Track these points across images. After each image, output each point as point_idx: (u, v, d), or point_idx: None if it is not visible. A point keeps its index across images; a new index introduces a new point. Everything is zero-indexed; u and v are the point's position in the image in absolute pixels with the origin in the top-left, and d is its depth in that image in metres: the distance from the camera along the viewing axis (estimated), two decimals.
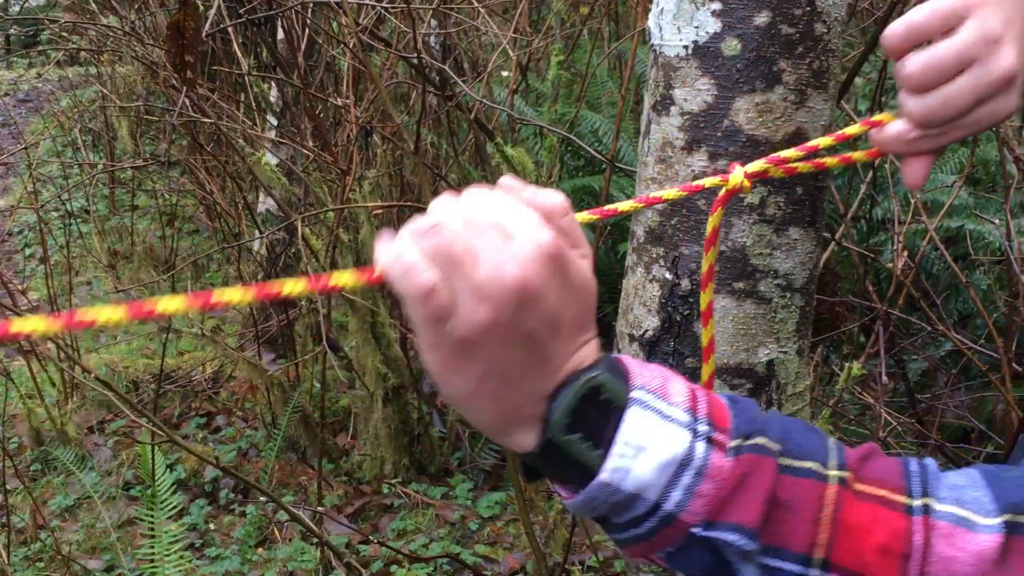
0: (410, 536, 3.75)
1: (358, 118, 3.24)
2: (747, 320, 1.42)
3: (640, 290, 1.47)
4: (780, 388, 1.46)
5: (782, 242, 1.41)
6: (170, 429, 4.47)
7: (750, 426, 0.75)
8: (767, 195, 1.39)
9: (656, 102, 1.44)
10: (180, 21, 2.25)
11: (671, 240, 1.42)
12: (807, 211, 1.43)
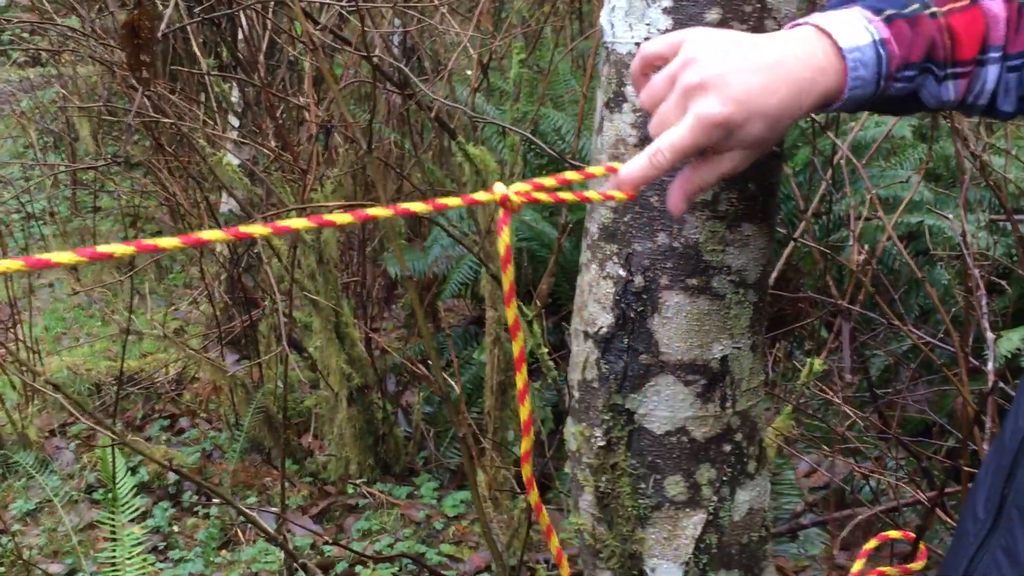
0: (375, 536, 3.75)
1: (319, 117, 3.22)
2: (701, 316, 1.42)
3: (594, 287, 1.47)
4: (734, 384, 1.46)
5: (735, 238, 1.42)
6: (133, 431, 4.45)
7: None
8: (720, 191, 1.39)
9: (609, 99, 1.44)
10: (135, 20, 2.23)
11: (624, 237, 1.43)
12: (760, 207, 1.43)
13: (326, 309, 3.79)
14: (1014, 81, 1.24)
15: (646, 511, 1.47)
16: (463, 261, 4.25)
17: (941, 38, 1.18)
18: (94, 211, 6.59)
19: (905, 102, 1.21)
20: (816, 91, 1.11)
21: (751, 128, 1.09)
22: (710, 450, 1.46)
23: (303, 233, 3.68)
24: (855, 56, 1.12)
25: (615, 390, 1.46)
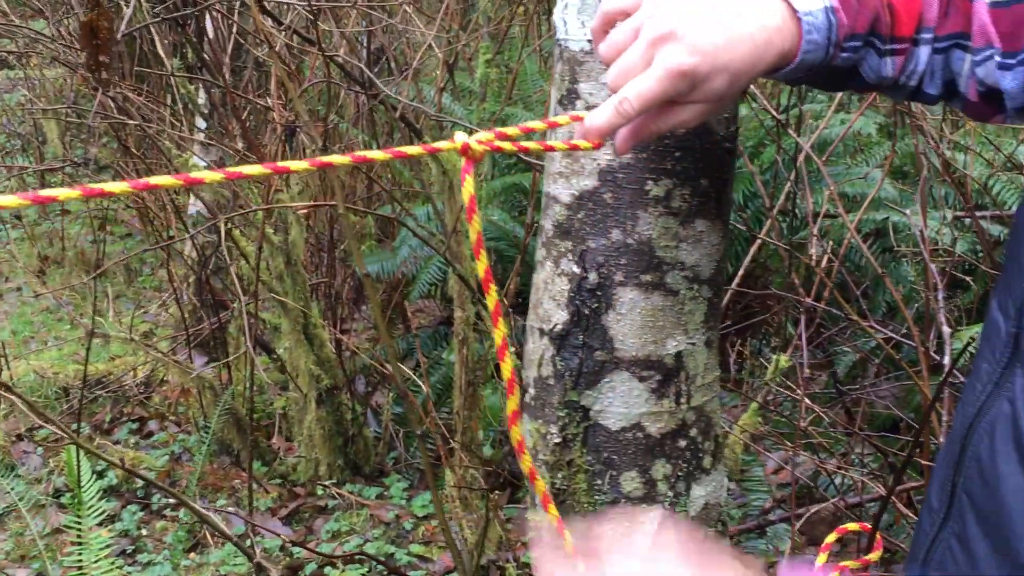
0: (344, 537, 3.74)
1: (284, 117, 3.22)
2: (655, 312, 1.43)
3: (549, 284, 1.48)
4: (689, 379, 1.47)
5: (688, 234, 1.42)
6: (101, 435, 4.42)
7: None
8: (672, 188, 1.40)
9: (562, 96, 1.45)
10: (93, 21, 2.22)
11: (578, 234, 1.43)
12: (713, 203, 1.44)
13: (295, 311, 3.78)
14: (940, 64, 1.26)
15: (602, 507, 1.47)
16: (431, 261, 4.25)
17: (883, 12, 1.20)
18: (62, 214, 6.55)
19: (845, 77, 1.23)
20: (773, 50, 1.12)
21: (715, 81, 1.10)
22: (665, 446, 1.47)
23: (270, 234, 3.67)
24: (809, 20, 1.14)
25: (570, 387, 1.46)
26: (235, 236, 3.75)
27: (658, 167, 1.39)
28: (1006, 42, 1.21)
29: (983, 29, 1.23)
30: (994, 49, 1.22)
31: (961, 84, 1.27)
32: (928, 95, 1.29)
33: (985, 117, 1.30)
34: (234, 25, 3.79)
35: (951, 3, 1.25)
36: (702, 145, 1.41)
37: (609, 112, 1.11)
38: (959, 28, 1.25)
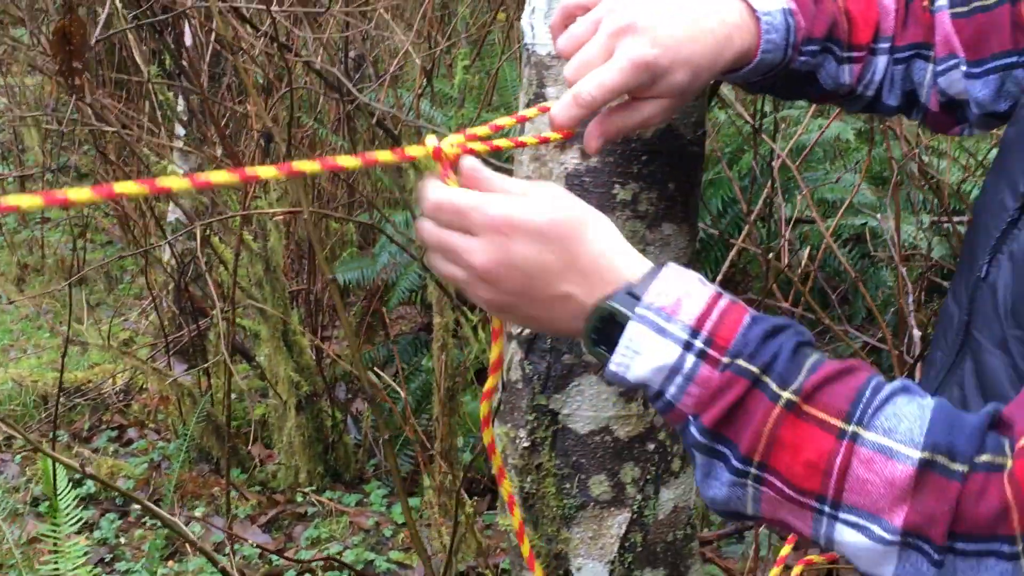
0: (324, 544, 3.73)
1: (262, 123, 3.21)
2: None
3: None
4: None
5: (656, 238, 1.43)
6: (80, 443, 4.41)
7: (742, 348, 0.91)
8: (639, 192, 1.40)
9: (530, 100, 1.45)
10: (66, 27, 2.22)
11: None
12: (680, 207, 1.44)
13: (274, 317, 3.77)
14: (900, 74, 1.27)
15: (571, 511, 1.48)
16: (411, 268, 4.25)
17: (840, 19, 1.21)
18: (42, 222, 6.53)
19: (803, 83, 1.24)
20: (733, 47, 1.13)
21: (676, 75, 1.10)
22: (634, 449, 1.47)
23: (249, 241, 3.67)
24: (767, 19, 1.15)
25: (539, 390, 1.46)
26: (213, 243, 3.74)
27: (625, 171, 1.40)
28: (970, 51, 1.23)
29: (946, 39, 1.24)
30: (958, 59, 1.24)
31: (922, 94, 1.28)
32: (887, 105, 1.30)
33: (944, 128, 1.31)
34: (212, 32, 3.79)
35: (910, 13, 1.26)
36: (669, 149, 1.41)
37: (568, 102, 1.10)
38: (920, 38, 1.26)
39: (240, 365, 4.65)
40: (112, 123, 3.52)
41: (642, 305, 0.94)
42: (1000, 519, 0.82)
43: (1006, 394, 1.02)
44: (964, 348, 1.13)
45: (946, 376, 1.15)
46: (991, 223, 1.11)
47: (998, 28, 1.21)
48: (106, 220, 6.47)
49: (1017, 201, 1.07)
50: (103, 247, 6.55)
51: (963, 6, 1.24)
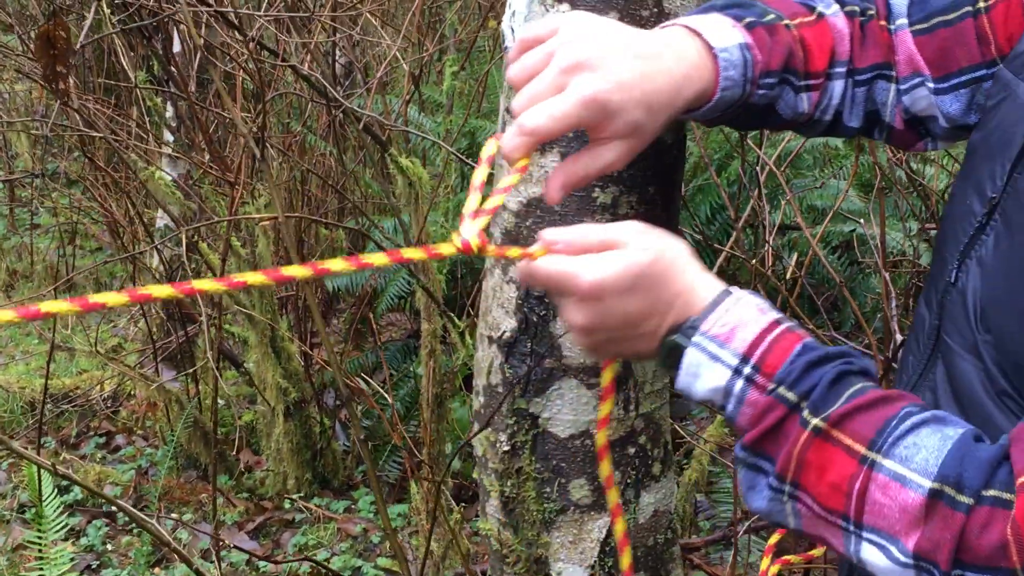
0: (311, 551, 3.72)
1: (249, 128, 3.20)
2: None
3: (498, 292, 1.47)
4: (638, 386, 1.47)
5: None
6: (68, 449, 4.39)
7: (785, 376, 0.98)
8: (619, 195, 1.40)
9: (510, 105, 1.45)
10: (50, 31, 2.21)
11: (526, 241, 1.43)
12: (660, 210, 1.44)
13: (261, 324, 3.77)
14: (861, 96, 1.27)
15: (551, 515, 1.47)
16: (399, 274, 4.24)
17: (796, 48, 1.20)
18: (31, 228, 6.51)
19: (762, 115, 1.23)
20: (692, 87, 1.12)
21: (630, 113, 1.08)
22: (614, 453, 1.47)
23: (237, 247, 3.66)
24: (725, 56, 1.14)
25: (519, 394, 1.46)
26: (202, 249, 3.73)
27: (605, 175, 1.39)
28: (934, 68, 1.23)
29: (910, 58, 1.24)
30: (923, 76, 1.24)
31: (886, 113, 1.28)
32: (848, 128, 1.29)
33: (908, 144, 1.32)
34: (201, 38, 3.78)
35: (867, 34, 1.26)
36: (649, 152, 1.40)
37: (513, 131, 1.08)
38: (880, 59, 1.26)
39: (228, 371, 4.64)
40: (100, 128, 3.51)
41: (699, 333, 1.03)
42: (1001, 553, 0.86)
43: (979, 399, 1.03)
44: (935, 353, 1.13)
45: (918, 380, 1.15)
46: (959, 229, 1.11)
47: (963, 42, 1.21)
48: (95, 226, 6.46)
49: (985, 207, 1.07)
50: (92, 253, 6.54)
51: (924, 22, 1.24)
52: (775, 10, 1.22)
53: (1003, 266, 1.02)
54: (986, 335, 1.03)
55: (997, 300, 1.02)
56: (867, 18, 1.27)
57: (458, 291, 4.05)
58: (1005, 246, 1.03)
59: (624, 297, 1.05)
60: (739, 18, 1.18)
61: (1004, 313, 1.01)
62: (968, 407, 1.04)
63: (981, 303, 1.04)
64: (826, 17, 1.24)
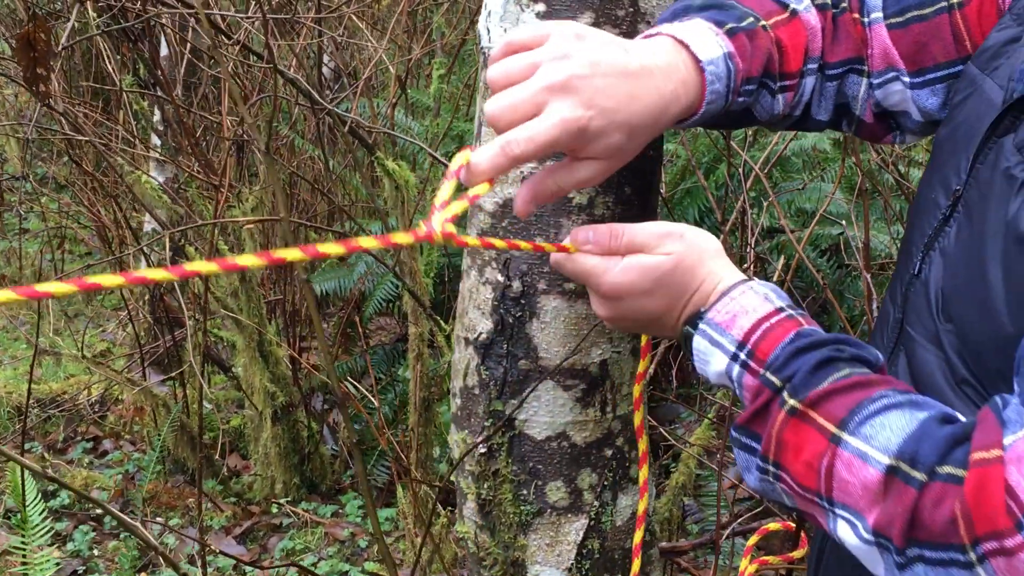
0: (299, 555, 3.71)
1: (234, 133, 3.20)
2: (579, 320, 1.42)
3: (474, 293, 1.47)
4: (615, 388, 1.46)
5: None
6: (55, 454, 4.38)
7: (773, 361, 1.02)
8: (595, 195, 1.39)
9: (483, 107, 1.44)
10: (30, 34, 2.20)
11: None
12: (637, 211, 1.44)
13: (249, 328, 3.76)
14: (832, 90, 1.27)
15: (528, 517, 1.46)
16: (386, 278, 4.24)
17: (774, 51, 1.20)
18: (20, 233, 6.49)
19: (738, 118, 1.23)
20: (679, 104, 1.11)
21: (610, 138, 1.07)
22: (591, 455, 1.46)
23: (224, 250, 3.65)
24: (711, 70, 1.12)
25: (495, 396, 1.45)
26: (188, 252, 3.73)
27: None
28: (909, 62, 1.22)
29: (884, 52, 1.24)
30: (898, 71, 1.23)
31: (856, 107, 1.28)
32: (816, 121, 1.29)
33: (877, 137, 1.31)
34: (188, 42, 3.78)
35: (839, 28, 1.25)
36: None
37: (495, 151, 1.05)
38: (852, 53, 1.25)
39: (217, 376, 4.63)
40: (86, 132, 3.50)
41: (704, 321, 1.10)
42: (952, 529, 0.86)
43: (940, 388, 1.04)
44: (898, 345, 1.13)
45: None
46: (925, 222, 1.11)
47: (939, 37, 1.21)
48: (84, 231, 6.45)
49: (949, 199, 1.07)
50: (82, 258, 6.52)
51: (898, 16, 1.23)
52: (751, 10, 1.21)
53: (964, 255, 1.02)
54: (947, 324, 1.04)
55: (958, 289, 1.03)
56: (840, 11, 1.26)
57: (446, 294, 4.04)
58: (966, 235, 1.03)
59: (642, 299, 1.12)
60: (720, 23, 1.16)
61: (964, 302, 1.02)
62: (931, 395, 1.04)
63: (943, 293, 1.05)
64: (799, 14, 1.24)
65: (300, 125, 4.71)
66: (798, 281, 4.38)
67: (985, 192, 1.01)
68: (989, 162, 1.02)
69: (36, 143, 6.81)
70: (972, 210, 1.02)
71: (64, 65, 5.81)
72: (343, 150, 4.95)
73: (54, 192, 6.57)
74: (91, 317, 5.67)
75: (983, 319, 0.98)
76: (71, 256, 6.38)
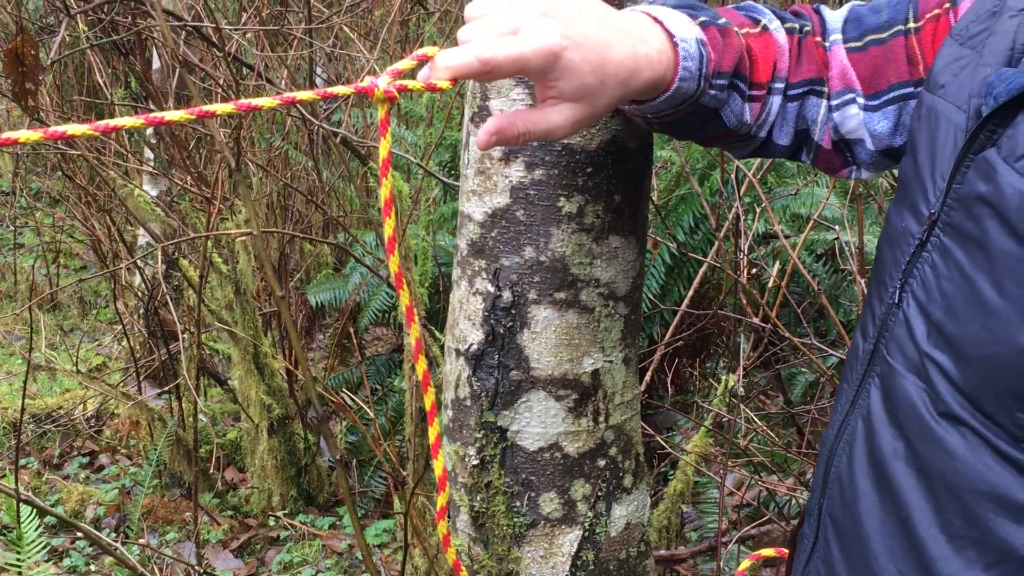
0: (296, 568, 3.69)
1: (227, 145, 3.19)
2: (570, 330, 1.41)
3: (464, 304, 1.46)
4: (607, 397, 1.45)
5: (602, 251, 1.41)
6: (51, 470, 4.36)
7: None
8: (585, 204, 1.38)
9: (474, 113, 1.43)
10: (18, 48, 2.20)
11: (492, 252, 1.41)
12: (627, 219, 1.43)
13: (244, 340, 3.74)
14: (793, 111, 1.26)
15: (521, 529, 1.45)
16: (381, 288, 4.23)
17: (744, 55, 1.19)
18: (15, 247, 6.49)
19: (707, 119, 1.21)
20: (652, 70, 1.09)
21: (583, 77, 1.04)
22: (584, 465, 1.45)
23: (219, 263, 3.64)
24: (684, 47, 1.12)
25: (487, 407, 1.44)
26: (182, 265, 3.72)
27: (570, 183, 1.38)
28: (867, 85, 1.23)
29: (843, 73, 1.24)
30: (855, 92, 1.23)
31: (816, 132, 1.27)
32: (778, 145, 1.28)
33: (834, 169, 1.30)
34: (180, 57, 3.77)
35: (803, 50, 1.26)
36: (614, 160, 1.39)
37: (463, 50, 1.01)
38: (813, 74, 1.25)
39: (213, 389, 4.62)
40: (78, 146, 3.49)
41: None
42: None
43: (921, 419, 1.01)
44: (866, 378, 1.11)
45: (850, 408, 1.14)
46: (898, 250, 1.09)
47: (893, 60, 1.21)
48: (79, 245, 6.44)
49: (923, 224, 1.05)
50: (77, 272, 6.51)
51: (857, 41, 1.24)
52: (725, 17, 1.22)
53: (958, 277, 0.99)
54: (938, 353, 1.01)
55: (954, 312, 0.99)
56: (804, 35, 1.27)
57: (441, 304, 4.02)
58: (958, 257, 1.00)
59: None
60: (693, 16, 1.17)
61: (964, 323, 0.98)
62: (908, 428, 1.03)
63: (932, 320, 1.02)
64: (770, 31, 1.25)
65: (294, 136, 4.71)
66: (794, 286, 4.37)
67: (976, 211, 0.98)
68: (970, 180, 1.00)
69: (30, 158, 6.81)
70: (959, 230, 1.00)
71: (57, 79, 5.80)
72: (337, 161, 4.95)
73: (48, 207, 6.56)
74: (86, 331, 5.66)
75: (990, 335, 0.95)
76: (66, 270, 6.37)
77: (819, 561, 1.17)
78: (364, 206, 3.56)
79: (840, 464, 1.13)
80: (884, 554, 1.06)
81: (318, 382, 4.22)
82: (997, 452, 0.95)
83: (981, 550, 0.97)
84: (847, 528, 1.11)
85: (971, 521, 0.98)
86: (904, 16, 1.22)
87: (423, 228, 3.70)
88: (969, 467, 0.97)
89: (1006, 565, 0.96)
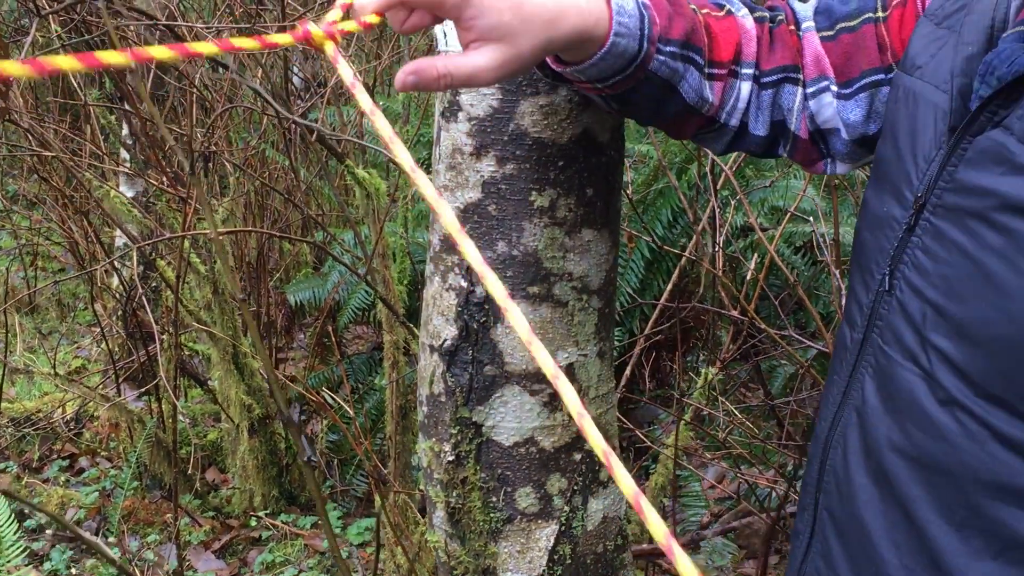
0: (279, 568, 3.68)
1: (201, 144, 3.18)
2: (544, 324, 1.41)
3: (438, 299, 1.45)
4: (582, 391, 1.45)
5: (575, 244, 1.41)
6: (30, 473, 4.34)
7: None
8: (557, 198, 1.38)
9: (445, 108, 1.43)
10: None
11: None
12: (600, 212, 1.42)
13: (223, 341, 3.73)
14: (768, 100, 1.25)
15: (498, 525, 1.45)
16: (360, 287, 4.22)
17: (700, 29, 1.18)
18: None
19: (665, 91, 1.19)
20: (580, 18, 1.07)
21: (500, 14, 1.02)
22: (560, 459, 1.45)
23: (197, 263, 3.62)
24: (618, 2, 1.10)
25: (462, 403, 1.43)
26: (159, 266, 3.70)
27: (542, 177, 1.37)
28: (839, 73, 1.22)
29: (817, 59, 1.24)
30: (828, 79, 1.23)
31: (792, 121, 1.26)
32: (755, 136, 1.27)
33: (810, 161, 1.30)
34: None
35: (776, 38, 1.25)
36: (586, 154, 1.39)
37: None
38: (788, 60, 1.25)
39: (193, 389, 4.60)
40: (52, 148, 3.47)
41: None
42: None
43: (923, 408, 0.99)
44: (857, 369, 1.09)
45: (842, 400, 1.12)
46: (882, 237, 1.07)
47: (864, 48, 1.21)
48: (56, 247, 6.40)
49: (909, 208, 1.03)
50: (55, 274, 6.47)
51: (829, 29, 1.24)
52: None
53: (960, 259, 0.98)
54: (939, 338, 0.98)
55: (958, 295, 0.97)
56: (776, 23, 1.27)
57: (420, 301, 4.02)
58: (959, 239, 0.97)
59: None
60: None
61: (971, 304, 0.95)
62: (906, 418, 1.01)
63: (932, 304, 0.99)
64: (735, 15, 1.25)
65: (271, 135, 4.69)
66: (773, 279, 4.38)
67: (981, 192, 0.96)
68: (971, 162, 0.98)
69: (6, 160, 6.76)
70: (956, 213, 0.99)
71: (31, 80, 5.76)
72: (314, 159, 4.93)
73: (25, 209, 6.52)
74: (65, 334, 5.63)
75: (1002, 315, 0.92)
76: (44, 273, 6.33)
77: (817, 557, 1.15)
78: (342, 205, 3.55)
79: (835, 458, 1.11)
80: (887, 547, 1.04)
81: (298, 381, 4.21)
82: (1003, 439, 0.93)
83: (988, 539, 0.96)
84: (846, 522, 1.10)
85: (976, 511, 0.96)
86: (873, 4, 1.22)
87: (401, 225, 3.69)
88: (973, 456, 0.95)
89: (1015, 552, 0.94)
